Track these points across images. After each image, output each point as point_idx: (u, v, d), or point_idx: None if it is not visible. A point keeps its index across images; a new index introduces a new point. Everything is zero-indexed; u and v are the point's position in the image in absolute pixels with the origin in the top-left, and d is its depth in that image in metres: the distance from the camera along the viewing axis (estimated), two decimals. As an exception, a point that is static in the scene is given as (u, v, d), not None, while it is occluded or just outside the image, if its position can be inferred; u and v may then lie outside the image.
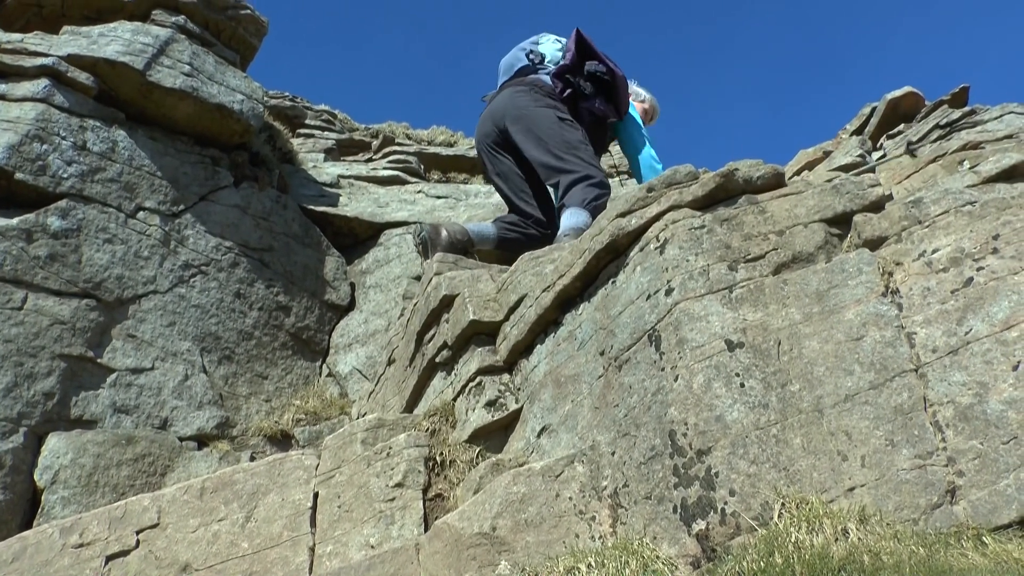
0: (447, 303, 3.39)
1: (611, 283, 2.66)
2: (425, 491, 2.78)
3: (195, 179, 5.49)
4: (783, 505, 1.88)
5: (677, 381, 2.18)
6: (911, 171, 4.15)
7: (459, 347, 3.26)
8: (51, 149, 4.74)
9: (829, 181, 2.61)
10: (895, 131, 8.87)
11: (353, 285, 6.14)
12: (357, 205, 6.90)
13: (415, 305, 3.87)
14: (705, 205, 2.57)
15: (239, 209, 5.65)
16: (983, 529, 1.74)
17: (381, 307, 5.85)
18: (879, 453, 1.93)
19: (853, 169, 4.45)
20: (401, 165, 8.44)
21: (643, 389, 2.30)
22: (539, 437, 2.71)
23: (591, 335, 2.66)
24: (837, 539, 1.73)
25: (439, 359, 3.39)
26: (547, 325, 2.94)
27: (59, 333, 4.28)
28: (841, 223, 2.47)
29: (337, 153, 8.93)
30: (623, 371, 2.41)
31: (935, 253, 2.20)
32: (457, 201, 7.44)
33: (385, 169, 8.15)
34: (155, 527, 2.89)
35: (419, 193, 7.55)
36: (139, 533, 2.88)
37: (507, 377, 3.06)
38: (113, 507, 2.99)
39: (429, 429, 3.07)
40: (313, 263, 5.96)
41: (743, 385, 2.11)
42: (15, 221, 4.41)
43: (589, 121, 4.28)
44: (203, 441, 4.55)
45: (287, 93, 9.64)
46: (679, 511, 2.03)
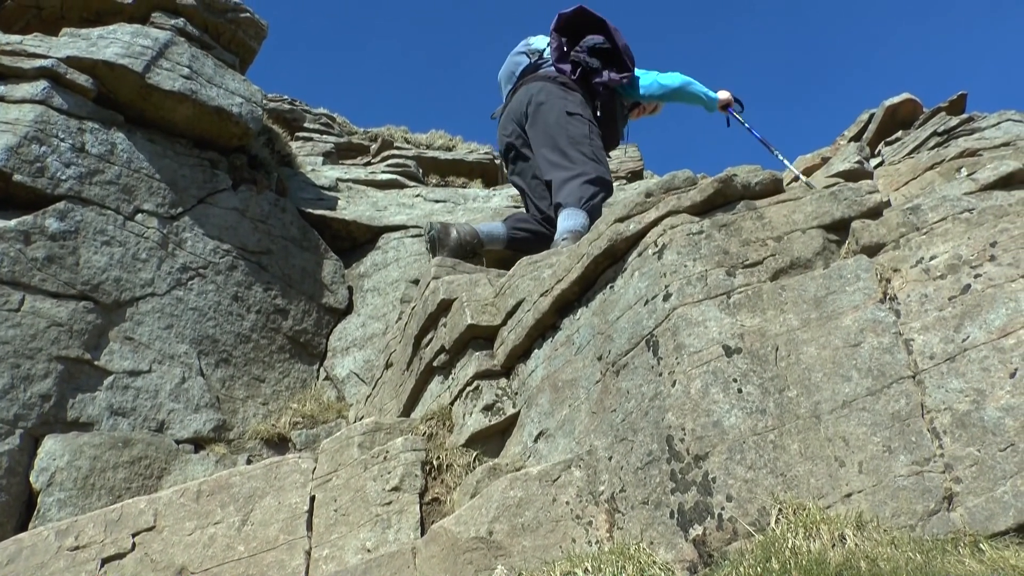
0: (445, 307, 3.39)
1: (609, 288, 2.66)
2: (422, 495, 2.78)
3: (193, 182, 5.49)
4: (780, 511, 1.88)
5: (675, 386, 2.19)
6: (909, 177, 4.16)
7: (457, 351, 3.26)
8: (50, 151, 4.74)
9: (827, 187, 2.61)
10: (893, 137, 8.90)
11: (351, 288, 6.14)
12: (355, 208, 6.91)
13: (413, 309, 3.87)
14: (703, 210, 2.58)
15: (237, 212, 5.65)
16: (980, 536, 1.73)
17: (379, 311, 5.85)
18: (876, 459, 1.93)
19: (852, 175, 4.46)
20: (399, 169, 8.46)
21: (641, 394, 2.30)
22: (536, 442, 2.71)
23: (589, 340, 2.66)
24: (834, 545, 1.73)
25: (437, 363, 3.39)
26: (545, 330, 2.94)
27: (56, 335, 4.28)
28: (839, 229, 2.48)
29: (336, 156, 8.96)
30: (621, 376, 2.41)
31: (933, 260, 2.20)
32: (455, 205, 7.44)
33: (383, 173, 8.17)
34: (151, 530, 2.88)
35: (417, 197, 7.56)
36: (135, 536, 2.87)
37: (504, 381, 3.06)
38: (109, 510, 2.98)
39: (426, 433, 3.06)
40: (311, 266, 5.96)
41: (741, 390, 2.11)
42: (13, 223, 4.41)
43: (604, 95, 4.28)
44: (200, 444, 4.55)
45: (286, 96, 9.67)
46: (676, 516, 2.03)
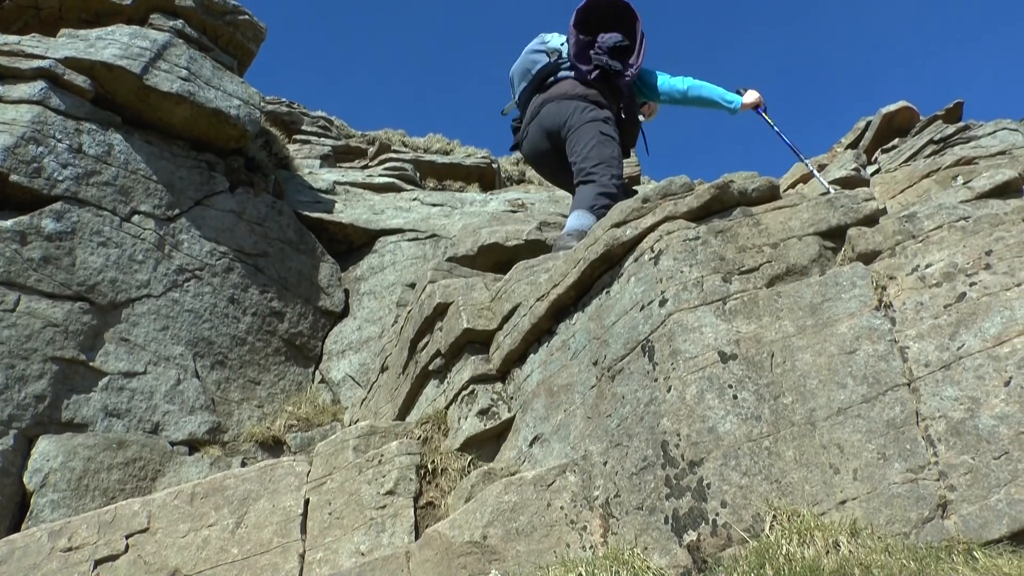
0: (441, 311, 3.39)
1: (605, 293, 2.66)
2: (416, 499, 2.78)
3: (190, 183, 5.49)
4: (775, 517, 1.88)
5: (670, 392, 2.19)
6: (905, 185, 4.17)
7: (452, 355, 3.26)
8: (47, 151, 4.73)
9: (824, 194, 2.62)
10: (889, 145, 8.93)
11: (347, 292, 6.13)
12: (352, 212, 6.90)
13: (409, 312, 3.87)
14: (700, 216, 2.58)
15: (234, 214, 5.64)
16: (974, 544, 1.74)
17: (375, 314, 5.85)
18: (871, 467, 1.93)
19: (848, 183, 4.48)
20: (397, 172, 8.47)
21: (636, 399, 2.30)
22: (531, 446, 2.71)
23: (584, 345, 2.66)
24: (828, 552, 1.73)
25: (432, 367, 3.39)
26: (541, 334, 2.94)
27: (51, 336, 4.27)
28: (835, 236, 2.48)
29: (333, 159, 8.96)
30: (616, 381, 2.41)
31: (928, 268, 2.21)
32: (452, 209, 7.45)
33: (381, 176, 8.18)
34: (145, 532, 2.87)
35: (414, 200, 7.56)
36: (128, 538, 2.86)
37: (500, 386, 3.06)
38: (103, 511, 2.97)
39: (421, 437, 3.06)
40: (307, 269, 5.95)
41: (736, 397, 2.12)
42: (9, 223, 4.40)
43: (627, 92, 4.32)
44: (194, 446, 4.53)
45: (284, 99, 9.67)
46: (670, 522, 2.03)
